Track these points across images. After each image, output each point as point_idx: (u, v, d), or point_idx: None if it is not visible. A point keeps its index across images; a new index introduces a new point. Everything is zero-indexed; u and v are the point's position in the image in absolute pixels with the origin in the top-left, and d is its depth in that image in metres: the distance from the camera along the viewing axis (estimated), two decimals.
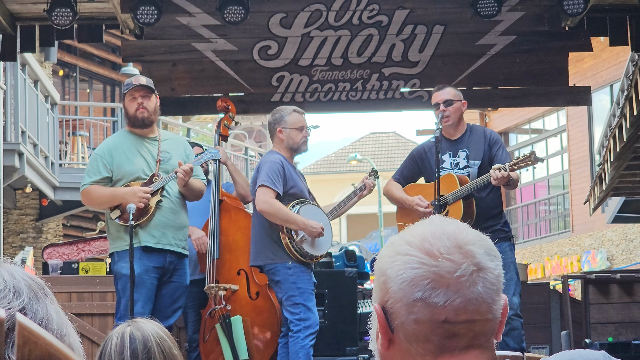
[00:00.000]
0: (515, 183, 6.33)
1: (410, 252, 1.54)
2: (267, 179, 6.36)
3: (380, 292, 1.56)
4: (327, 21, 8.16)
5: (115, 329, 3.01)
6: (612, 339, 8.02)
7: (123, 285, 6.12)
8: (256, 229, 6.53)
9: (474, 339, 1.52)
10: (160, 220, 6.21)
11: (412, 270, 1.52)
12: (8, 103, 12.92)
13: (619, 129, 8.93)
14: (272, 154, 6.61)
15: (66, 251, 8.63)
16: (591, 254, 20.15)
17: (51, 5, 7.27)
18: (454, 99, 6.52)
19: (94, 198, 6.30)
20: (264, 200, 6.34)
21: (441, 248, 1.53)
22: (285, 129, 6.57)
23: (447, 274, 1.51)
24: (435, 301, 1.50)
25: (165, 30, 8.10)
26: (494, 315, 1.55)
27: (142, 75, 6.59)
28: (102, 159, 6.25)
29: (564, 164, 21.75)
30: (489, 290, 1.53)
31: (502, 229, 6.46)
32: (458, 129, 6.57)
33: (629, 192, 13.00)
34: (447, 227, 1.57)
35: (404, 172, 6.81)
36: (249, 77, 8.18)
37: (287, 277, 6.37)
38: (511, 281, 6.27)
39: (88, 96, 20.20)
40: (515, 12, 8.07)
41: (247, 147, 22.12)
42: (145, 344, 2.86)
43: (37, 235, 16.20)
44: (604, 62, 18.79)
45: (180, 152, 6.42)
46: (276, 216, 6.35)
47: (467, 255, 1.53)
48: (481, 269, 1.53)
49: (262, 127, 32.82)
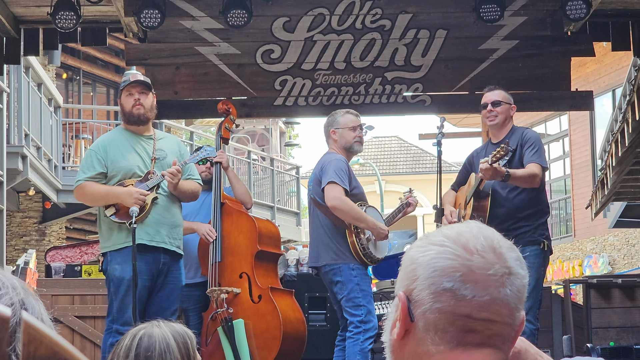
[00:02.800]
0: (523, 179, 6.18)
1: (446, 243, 1.56)
2: (336, 176, 6.35)
3: (406, 280, 1.58)
4: (330, 25, 8.18)
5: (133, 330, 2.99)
6: (614, 344, 8.03)
7: (115, 287, 6.03)
8: (317, 230, 6.51)
9: (490, 339, 1.54)
10: (155, 217, 6.12)
11: (446, 261, 1.54)
12: (12, 106, 12.93)
13: (621, 133, 8.94)
14: (332, 154, 6.60)
15: (69, 254, 8.65)
16: (593, 259, 20.14)
17: (55, 8, 7.29)
18: (502, 101, 6.52)
19: (87, 194, 6.20)
20: (336, 196, 6.32)
21: (477, 245, 1.55)
22: (338, 130, 6.63)
23: (479, 270, 1.53)
24: (464, 294, 1.52)
25: (169, 33, 8.12)
26: (513, 322, 1.57)
27: (138, 73, 6.55)
28: (96, 155, 6.17)
29: (566, 169, 21.75)
30: (515, 295, 1.56)
31: (531, 232, 6.32)
32: (502, 131, 6.53)
33: (631, 197, 13.01)
34: (484, 228, 1.60)
35: (458, 178, 6.86)
36: (252, 80, 8.19)
37: (351, 278, 6.38)
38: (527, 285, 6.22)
39: (91, 99, 20.23)
40: (517, 17, 8.09)
41: (250, 150, 22.14)
42: (147, 350, 2.85)
43: (40, 238, 16.22)
44: (607, 67, 18.80)
45: (175, 150, 6.36)
46: (349, 214, 6.33)
47: (500, 257, 1.56)
48: (511, 274, 1.56)
49: (265, 130, 32.83)
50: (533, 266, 6.23)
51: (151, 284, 6.12)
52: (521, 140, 6.41)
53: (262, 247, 6.84)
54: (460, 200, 6.68)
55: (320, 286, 8.02)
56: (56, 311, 7.41)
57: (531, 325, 6.21)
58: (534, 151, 6.36)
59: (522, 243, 6.22)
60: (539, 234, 6.36)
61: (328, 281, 6.54)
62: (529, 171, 6.23)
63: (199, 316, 6.99)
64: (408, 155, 36.54)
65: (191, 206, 7.02)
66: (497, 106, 6.50)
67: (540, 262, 6.34)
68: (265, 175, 22.41)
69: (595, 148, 19.67)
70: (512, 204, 6.35)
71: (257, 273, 6.75)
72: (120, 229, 6.05)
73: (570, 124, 20.96)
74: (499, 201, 6.37)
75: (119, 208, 6.06)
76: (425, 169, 35.07)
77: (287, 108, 8.30)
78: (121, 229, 6.04)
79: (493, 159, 5.99)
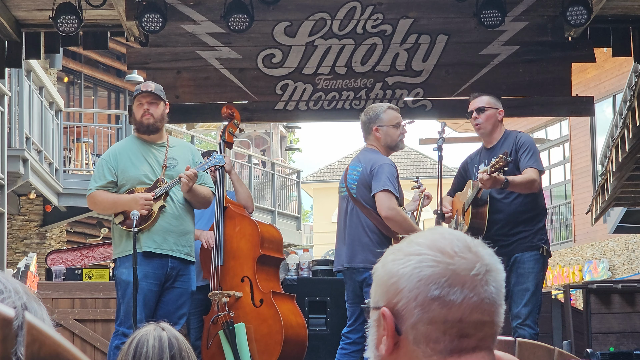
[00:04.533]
0: (521, 186, 6.18)
1: (422, 251, 1.54)
2: (390, 184, 6.25)
3: (387, 295, 1.56)
4: (331, 30, 8.19)
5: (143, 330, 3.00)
6: (614, 349, 8.03)
7: (122, 290, 6.14)
8: (355, 229, 6.39)
9: (482, 341, 1.54)
10: (163, 225, 6.19)
11: (429, 269, 1.52)
12: (13, 109, 12.95)
13: (622, 139, 8.95)
14: (378, 155, 6.47)
15: (70, 257, 8.65)
16: (593, 264, 20.15)
17: (57, 12, 7.30)
18: (487, 107, 6.50)
19: (97, 203, 6.34)
20: (391, 207, 6.21)
21: (454, 247, 1.54)
22: (382, 127, 6.49)
23: (464, 272, 1.52)
24: (453, 299, 1.51)
25: (170, 37, 8.13)
26: (499, 319, 1.57)
27: (153, 82, 6.58)
28: (107, 164, 6.28)
29: (566, 174, 21.76)
30: (499, 291, 1.56)
31: (530, 237, 6.30)
32: (493, 136, 6.52)
33: (631, 203, 13.02)
34: (453, 231, 1.59)
35: (454, 184, 6.85)
36: (253, 85, 8.20)
37: None
38: (526, 292, 6.17)
39: (93, 103, 20.24)
40: (518, 22, 8.10)
41: (251, 154, 22.15)
42: (181, 353, 2.90)
43: (40, 241, 16.23)
44: (607, 72, 18.82)
45: (187, 158, 6.42)
46: (402, 225, 6.20)
47: (477, 255, 1.55)
48: (492, 270, 1.56)
49: (265, 134, 32.83)
50: (533, 271, 6.23)
51: (159, 289, 6.20)
52: (515, 145, 6.38)
53: (265, 252, 6.84)
54: (458, 207, 6.68)
55: (320, 291, 8.03)
56: (56, 314, 7.42)
57: (531, 330, 6.20)
58: (530, 155, 6.34)
59: (522, 248, 6.22)
60: (538, 239, 6.34)
61: (359, 281, 6.38)
62: (527, 177, 6.22)
63: (199, 320, 7.00)
64: (409, 160, 36.52)
65: (195, 210, 7.04)
66: (481, 112, 6.51)
67: (540, 267, 6.32)
68: (266, 179, 22.43)
69: (595, 153, 19.68)
70: (510, 208, 6.34)
71: (259, 277, 6.75)
72: (129, 237, 6.12)
73: (571, 130, 20.98)
74: (497, 207, 6.36)
75: (127, 216, 6.14)
76: (425, 173, 35.08)
77: (288, 112, 8.31)
78: (129, 236, 6.12)
79: (492, 169, 5.97)
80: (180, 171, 6.26)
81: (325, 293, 7.97)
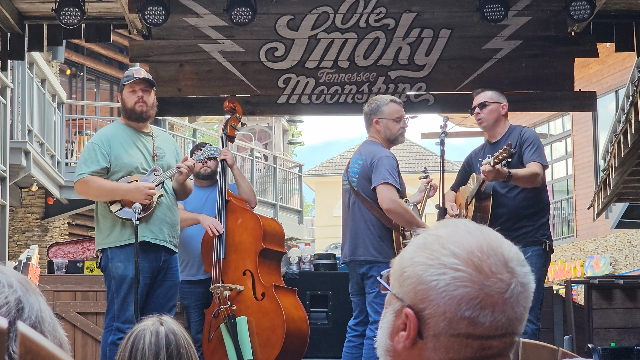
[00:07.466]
0: (524, 179, 6.18)
1: (459, 267, 1.50)
2: (390, 176, 6.24)
3: (413, 295, 1.52)
4: (334, 24, 8.18)
5: (142, 325, 2.99)
6: (615, 344, 8.03)
7: (117, 285, 5.94)
8: (357, 223, 6.38)
9: (502, 350, 1.54)
10: (159, 216, 6.10)
11: (463, 289, 1.49)
12: (15, 102, 12.95)
13: (624, 134, 8.94)
14: (379, 148, 6.46)
15: (71, 250, 8.65)
16: (594, 259, 20.15)
17: (59, 4, 7.29)
18: (489, 102, 6.50)
19: (92, 189, 6.05)
20: (392, 199, 6.19)
21: (492, 266, 1.50)
22: (382, 120, 6.46)
23: (498, 294, 1.50)
24: (482, 321, 1.49)
25: (173, 30, 8.13)
26: (521, 331, 1.57)
27: (143, 69, 6.50)
28: (100, 149, 6.07)
29: (569, 169, 21.75)
30: (526, 308, 1.56)
31: (533, 232, 6.31)
32: (497, 131, 6.52)
33: (633, 198, 13.02)
34: (489, 238, 1.55)
35: (457, 178, 6.85)
36: (255, 78, 8.19)
37: None
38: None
39: (95, 96, 20.24)
40: (521, 17, 8.09)
41: (253, 148, 22.15)
42: (179, 349, 2.88)
43: (42, 234, 16.24)
44: (610, 67, 18.80)
45: (172, 150, 6.36)
46: (404, 217, 6.21)
47: (513, 274, 1.52)
48: (525, 290, 1.54)
49: (267, 127, 32.83)
50: (535, 267, 6.22)
51: (151, 282, 6.10)
52: (520, 140, 6.38)
53: (267, 245, 6.84)
54: (461, 201, 6.68)
55: (321, 284, 8.03)
56: (58, 307, 7.41)
57: (532, 325, 6.20)
58: (534, 150, 6.33)
59: (524, 244, 6.22)
60: (540, 234, 6.35)
61: (360, 274, 6.38)
62: (531, 171, 6.22)
63: (200, 313, 6.99)
64: (411, 155, 36.51)
65: (195, 202, 7.03)
66: (483, 108, 6.51)
67: (542, 263, 6.34)
68: (268, 173, 22.43)
69: (597, 149, 19.68)
70: (514, 203, 6.34)
71: (261, 271, 6.75)
72: (124, 226, 5.99)
73: (573, 125, 20.96)
74: (500, 201, 6.36)
75: (124, 204, 6.01)
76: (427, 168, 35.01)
77: (291, 106, 8.30)
78: (125, 225, 5.99)
79: (495, 160, 5.97)
80: (168, 161, 6.19)
81: (327, 287, 7.97)
